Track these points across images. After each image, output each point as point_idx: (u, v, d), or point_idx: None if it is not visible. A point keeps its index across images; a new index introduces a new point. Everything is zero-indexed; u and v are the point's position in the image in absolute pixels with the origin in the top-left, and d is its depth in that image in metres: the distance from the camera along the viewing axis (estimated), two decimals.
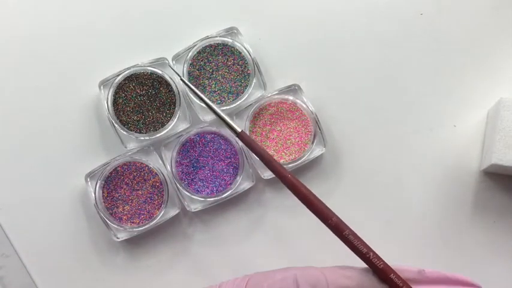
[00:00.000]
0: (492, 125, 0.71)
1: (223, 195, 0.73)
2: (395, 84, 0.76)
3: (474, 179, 0.74)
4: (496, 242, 0.74)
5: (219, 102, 0.74)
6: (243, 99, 0.74)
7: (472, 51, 0.76)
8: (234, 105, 0.73)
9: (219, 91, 0.74)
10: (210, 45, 0.74)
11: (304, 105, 0.74)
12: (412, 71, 0.76)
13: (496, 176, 0.74)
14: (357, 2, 0.77)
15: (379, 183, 0.75)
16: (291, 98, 0.74)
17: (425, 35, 0.76)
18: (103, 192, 0.73)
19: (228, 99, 0.74)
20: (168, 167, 0.73)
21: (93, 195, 0.72)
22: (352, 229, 0.68)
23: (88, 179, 0.73)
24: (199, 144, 0.74)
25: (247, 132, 0.73)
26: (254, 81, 0.73)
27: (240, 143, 0.73)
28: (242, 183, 0.74)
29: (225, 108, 0.73)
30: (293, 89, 0.74)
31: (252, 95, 0.74)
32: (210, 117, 0.74)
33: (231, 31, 0.74)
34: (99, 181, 0.72)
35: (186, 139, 0.73)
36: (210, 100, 0.72)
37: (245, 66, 0.74)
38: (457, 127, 0.75)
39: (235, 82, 0.74)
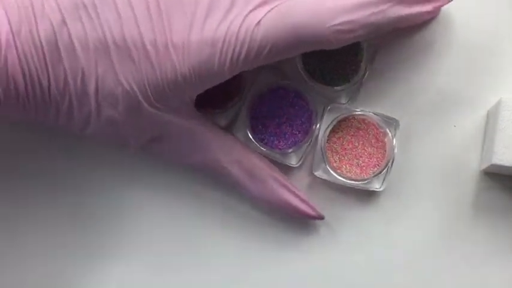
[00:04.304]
0: (492, 125, 0.71)
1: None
2: None
3: (474, 179, 0.74)
4: (496, 242, 0.74)
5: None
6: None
7: (472, 51, 0.75)
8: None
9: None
10: None
11: (391, 144, 0.72)
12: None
13: (496, 176, 0.74)
14: None
15: None
16: (386, 129, 0.72)
17: (426, 34, 0.76)
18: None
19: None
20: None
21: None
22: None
23: None
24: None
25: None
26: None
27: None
28: (290, 155, 0.72)
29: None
30: (391, 123, 0.72)
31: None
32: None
33: None
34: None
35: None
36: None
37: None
38: (457, 127, 0.75)
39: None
